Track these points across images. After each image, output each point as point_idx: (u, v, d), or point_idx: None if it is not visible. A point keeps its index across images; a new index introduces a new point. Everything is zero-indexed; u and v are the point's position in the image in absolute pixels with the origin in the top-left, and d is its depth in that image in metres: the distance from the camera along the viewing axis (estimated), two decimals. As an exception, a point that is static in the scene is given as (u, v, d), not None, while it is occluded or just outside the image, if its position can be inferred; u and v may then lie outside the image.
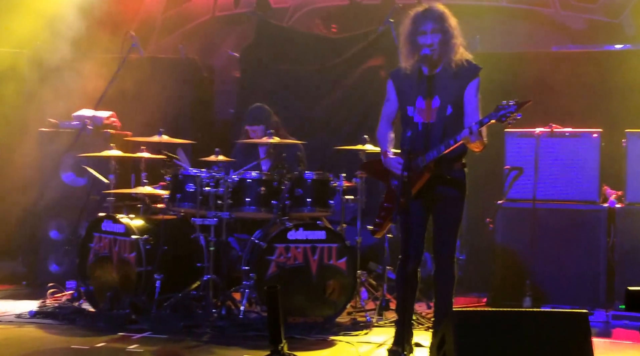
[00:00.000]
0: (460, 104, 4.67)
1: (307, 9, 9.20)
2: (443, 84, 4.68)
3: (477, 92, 4.69)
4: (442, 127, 4.63)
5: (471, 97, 4.66)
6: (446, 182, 4.70)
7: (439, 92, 4.67)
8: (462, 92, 4.66)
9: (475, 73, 4.70)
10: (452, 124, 4.62)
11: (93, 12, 8.46)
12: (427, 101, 4.67)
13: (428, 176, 4.63)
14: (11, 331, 5.38)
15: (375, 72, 7.81)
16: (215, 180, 5.77)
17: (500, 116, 4.36)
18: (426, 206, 4.75)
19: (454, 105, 4.66)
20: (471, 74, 4.68)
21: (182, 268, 5.88)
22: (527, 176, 6.38)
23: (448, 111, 4.65)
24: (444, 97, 4.66)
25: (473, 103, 4.66)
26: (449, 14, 4.74)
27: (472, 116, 4.60)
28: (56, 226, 7.16)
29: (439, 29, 4.63)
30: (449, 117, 4.64)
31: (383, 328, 5.60)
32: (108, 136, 6.97)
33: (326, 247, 5.68)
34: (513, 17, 8.60)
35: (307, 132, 7.36)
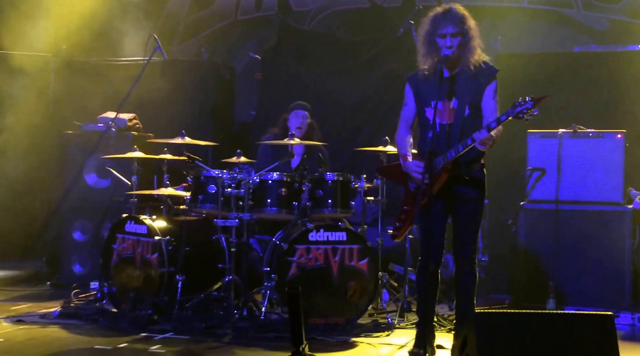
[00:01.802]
0: (478, 106, 4.64)
1: (327, 11, 9.18)
2: (461, 85, 4.64)
3: (495, 94, 4.65)
4: (460, 128, 4.60)
5: (489, 99, 4.63)
6: (465, 182, 4.65)
7: (458, 93, 4.63)
8: (480, 93, 4.63)
9: (494, 75, 4.66)
10: (470, 125, 4.58)
11: (117, 16, 8.52)
12: (446, 102, 4.64)
13: (446, 176, 4.59)
14: (36, 331, 5.38)
15: (395, 74, 7.74)
16: (236, 181, 5.75)
17: (517, 112, 4.32)
18: (446, 207, 4.69)
19: (471, 106, 4.63)
20: (489, 76, 4.65)
21: (203, 269, 5.85)
22: (550, 177, 6.28)
23: (466, 112, 4.62)
24: (462, 99, 4.63)
25: (491, 105, 4.62)
26: (469, 15, 4.69)
27: (490, 118, 4.56)
28: (80, 227, 7.19)
29: (459, 31, 4.59)
30: (466, 118, 4.61)
31: (404, 329, 5.53)
32: (131, 138, 6.99)
33: (347, 248, 5.62)
34: (534, 17, 8.51)
35: (328, 133, 7.32)
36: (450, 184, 4.62)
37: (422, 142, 4.71)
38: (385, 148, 6.04)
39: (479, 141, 4.43)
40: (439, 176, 4.57)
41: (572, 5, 8.40)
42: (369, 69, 8.05)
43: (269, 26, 8.78)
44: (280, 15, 8.42)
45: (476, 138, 4.44)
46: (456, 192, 4.65)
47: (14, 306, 6.19)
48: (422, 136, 4.74)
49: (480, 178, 4.69)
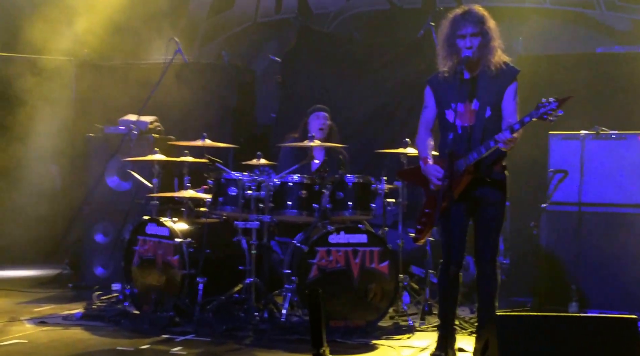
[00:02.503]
0: (498, 107, 4.62)
1: (348, 14, 9.19)
2: (482, 86, 4.62)
3: (516, 95, 4.64)
4: (481, 130, 4.59)
5: (510, 100, 4.61)
6: (487, 185, 4.63)
7: (479, 95, 4.62)
8: (501, 94, 4.62)
9: (514, 76, 4.64)
10: (491, 127, 4.57)
11: (138, 19, 8.59)
12: (467, 104, 4.63)
13: (469, 178, 4.58)
14: (59, 333, 5.43)
15: (416, 76, 7.72)
16: (257, 184, 5.77)
17: (542, 113, 4.30)
18: (467, 210, 4.68)
19: (492, 107, 4.61)
20: (510, 77, 4.63)
21: (224, 271, 5.88)
22: (572, 179, 6.23)
23: (487, 114, 4.61)
24: (483, 100, 4.61)
25: (511, 106, 4.61)
26: (488, 16, 4.67)
27: (510, 119, 4.55)
28: (102, 230, 7.24)
29: (479, 31, 4.57)
30: (488, 120, 4.59)
31: (425, 332, 5.52)
32: (152, 141, 7.03)
33: (368, 251, 5.62)
34: (556, 18, 8.46)
35: (348, 136, 7.31)
36: (471, 187, 4.60)
37: (443, 144, 4.70)
38: (405, 150, 6.03)
39: (502, 142, 4.41)
40: (460, 178, 4.56)
41: (595, 5, 8.34)
42: (389, 71, 8.03)
43: (289, 29, 8.80)
44: (300, 17, 8.44)
45: (499, 139, 4.42)
46: (477, 194, 4.63)
47: (37, 308, 6.24)
48: (443, 139, 4.73)
49: (501, 180, 4.67)
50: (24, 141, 8.61)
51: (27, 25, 9.28)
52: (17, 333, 5.34)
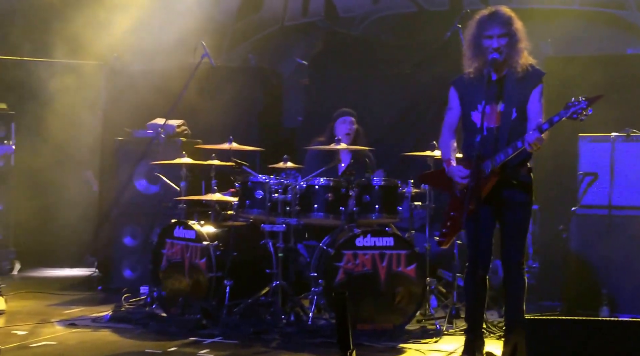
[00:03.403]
0: (524, 109, 4.59)
1: (374, 17, 9.18)
2: (509, 88, 4.60)
3: (541, 97, 4.61)
4: (508, 131, 4.56)
5: (535, 102, 4.58)
6: (513, 187, 4.59)
7: (505, 96, 4.59)
8: (526, 96, 4.58)
9: (540, 78, 4.61)
10: (517, 129, 4.54)
11: (166, 23, 8.65)
12: (493, 106, 4.60)
13: (495, 180, 4.55)
14: (88, 335, 5.48)
15: (443, 78, 7.66)
16: (283, 187, 5.78)
17: (572, 113, 4.27)
18: (493, 212, 4.64)
19: (518, 109, 4.58)
20: (536, 79, 4.60)
21: (251, 274, 5.89)
22: (602, 181, 6.16)
23: (513, 115, 4.58)
24: (509, 102, 4.59)
25: (537, 108, 4.57)
26: (516, 17, 4.64)
27: (535, 121, 4.50)
28: (130, 233, 7.31)
29: (506, 32, 4.55)
30: (513, 121, 4.56)
31: (453, 336, 5.48)
32: (179, 144, 7.08)
33: (395, 254, 5.60)
34: (586, 19, 8.38)
35: (375, 139, 7.31)
36: (497, 189, 4.57)
37: (468, 146, 4.67)
38: (432, 153, 6.00)
39: (530, 142, 4.37)
40: (487, 180, 4.53)
41: (625, 6, 8.24)
42: (416, 74, 8.02)
43: (315, 32, 8.82)
44: (326, 21, 8.45)
45: (527, 140, 4.39)
46: (503, 196, 4.60)
47: (66, 310, 6.32)
48: (468, 140, 4.70)
49: (527, 182, 4.63)
50: (55, 144, 8.73)
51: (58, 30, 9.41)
52: (47, 335, 5.41)
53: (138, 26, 8.70)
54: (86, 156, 8.69)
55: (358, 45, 8.44)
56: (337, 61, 8.31)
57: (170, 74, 7.89)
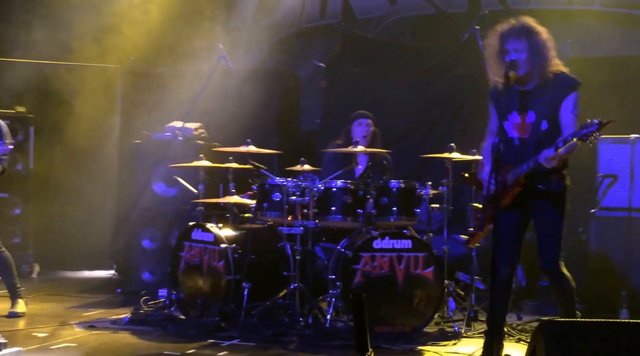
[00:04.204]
0: (556, 119, 4.60)
1: (392, 19, 9.20)
2: (537, 98, 4.62)
3: (575, 107, 4.58)
4: (536, 142, 4.60)
5: (567, 112, 4.58)
6: (541, 194, 4.63)
7: (534, 106, 4.63)
8: (557, 106, 4.59)
9: (572, 87, 4.59)
10: (546, 139, 4.55)
11: (183, 26, 8.73)
12: (522, 116, 4.66)
13: (518, 190, 4.60)
14: (107, 337, 5.56)
15: (461, 80, 7.73)
16: (301, 189, 5.83)
17: (582, 135, 4.28)
18: (522, 218, 4.71)
19: (549, 120, 4.60)
20: (568, 89, 4.59)
21: (269, 276, 5.95)
22: (622, 183, 6.17)
23: (543, 126, 4.61)
24: (538, 112, 4.62)
25: (568, 118, 4.56)
26: (537, 26, 4.64)
27: (568, 132, 4.50)
28: (148, 236, 7.36)
29: (525, 46, 4.56)
30: (544, 133, 4.59)
31: (472, 339, 5.51)
32: (197, 147, 7.13)
33: (412, 256, 5.63)
34: (606, 20, 8.35)
35: (393, 140, 7.34)
36: (527, 196, 4.62)
37: (502, 155, 4.73)
38: (450, 155, 6.02)
39: (546, 158, 4.41)
40: (510, 189, 4.60)
41: (646, 6, 8.22)
42: (434, 76, 8.03)
43: (333, 34, 8.83)
44: (344, 23, 8.48)
45: (543, 155, 4.43)
46: (532, 204, 4.66)
47: (86, 312, 6.40)
48: (503, 149, 4.74)
49: (556, 190, 4.64)
50: (73, 147, 8.83)
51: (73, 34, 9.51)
52: (67, 337, 5.49)
53: (155, 29, 8.78)
54: (104, 159, 8.78)
55: (375, 47, 8.46)
56: (355, 63, 8.34)
57: (188, 77, 7.95)
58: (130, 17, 9.02)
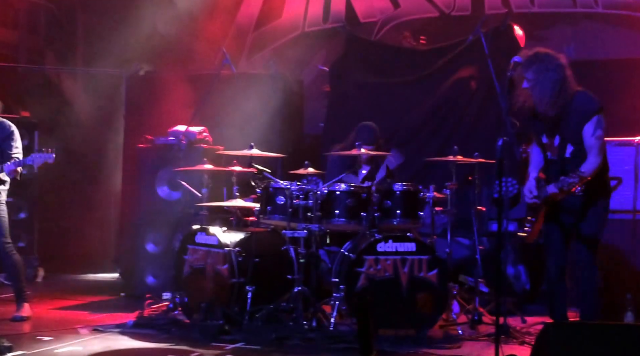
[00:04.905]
0: (581, 143, 4.80)
1: (395, 22, 9.22)
2: (561, 122, 4.83)
3: (596, 129, 4.76)
4: (560, 165, 4.84)
5: (588, 136, 4.78)
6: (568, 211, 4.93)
7: (560, 131, 4.86)
8: (580, 130, 4.78)
9: (594, 111, 4.77)
10: (572, 161, 4.78)
11: (187, 30, 8.76)
12: (550, 139, 4.93)
13: (544, 209, 4.87)
14: (112, 341, 5.57)
15: (465, 83, 7.72)
16: (304, 193, 5.84)
17: (568, 183, 4.62)
18: (562, 230, 4.98)
19: (574, 143, 4.80)
20: (590, 113, 4.78)
21: (272, 279, 5.97)
22: (627, 186, 6.17)
23: (568, 150, 4.83)
24: (563, 136, 4.85)
25: (590, 142, 4.77)
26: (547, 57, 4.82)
27: (590, 155, 4.76)
28: (152, 239, 7.37)
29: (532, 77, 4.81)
30: (570, 155, 4.82)
31: (476, 341, 5.50)
32: (201, 151, 7.15)
33: (416, 259, 5.64)
34: (609, 23, 8.36)
35: (397, 144, 7.34)
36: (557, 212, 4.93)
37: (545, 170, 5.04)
38: (454, 158, 6.03)
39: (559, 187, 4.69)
40: (538, 208, 4.89)
41: (649, 9, 8.23)
42: (438, 79, 8.02)
43: (336, 38, 8.85)
44: (347, 26, 8.49)
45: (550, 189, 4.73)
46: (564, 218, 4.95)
47: (90, 316, 6.42)
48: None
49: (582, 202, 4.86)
50: (77, 152, 8.87)
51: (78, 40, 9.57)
52: (71, 341, 5.51)
53: (159, 34, 8.81)
54: (109, 163, 8.81)
55: (379, 50, 8.46)
56: (359, 67, 8.33)
57: (192, 81, 7.97)
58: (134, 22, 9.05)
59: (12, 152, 6.08)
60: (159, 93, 8.05)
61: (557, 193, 4.73)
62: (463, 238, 6.95)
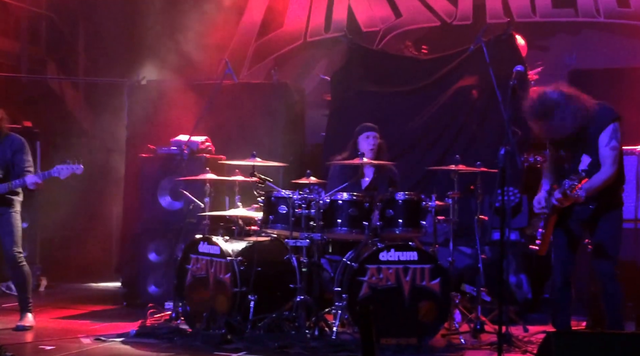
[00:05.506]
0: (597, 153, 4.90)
1: (397, 31, 9.26)
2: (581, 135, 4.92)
3: (611, 140, 4.88)
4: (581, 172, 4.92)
5: (603, 145, 4.88)
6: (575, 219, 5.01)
7: (579, 143, 4.96)
8: (596, 140, 4.89)
9: (608, 121, 4.88)
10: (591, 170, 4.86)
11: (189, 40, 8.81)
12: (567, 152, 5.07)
13: (553, 219, 4.94)
14: (114, 350, 5.60)
15: (467, 92, 7.75)
16: (307, 202, 5.86)
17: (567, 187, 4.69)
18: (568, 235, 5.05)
19: (591, 154, 4.91)
20: (605, 123, 4.88)
21: (275, 288, 6.00)
22: (628, 195, 6.17)
23: (585, 161, 4.94)
24: (581, 148, 4.97)
25: (603, 152, 4.88)
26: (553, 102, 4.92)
27: (604, 165, 4.86)
28: (155, 249, 7.40)
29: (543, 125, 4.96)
30: (588, 166, 4.90)
31: (478, 350, 5.52)
32: (203, 160, 7.18)
33: (419, 268, 5.67)
34: (610, 32, 8.41)
35: (398, 153, 7.37)
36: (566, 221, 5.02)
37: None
38: (457, 167, 6.06)
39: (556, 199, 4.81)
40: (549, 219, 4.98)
41: (650, 18, 8.27)
42: (439, 88, 8.05)
43: (338, 47, 8.88)
44: (349, 36, 8.53)
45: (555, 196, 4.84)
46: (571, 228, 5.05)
47: (93, 325, 6.45)
48: None
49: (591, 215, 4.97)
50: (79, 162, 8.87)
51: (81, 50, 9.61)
52: (74, 349, 5.53)
53: (161, 43, 8.86)
54: (111, 173, 8.83)
55: (381, 59, 8.48)
56: (360, 75, 8.34)
57: (194, 90, 8.00)
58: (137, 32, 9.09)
59: (24, 166, 6.14)
60: (161, 103, 8.08)
61: (562, 198, 4.73)
62: (465, 247, 6.96)
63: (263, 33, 9.66)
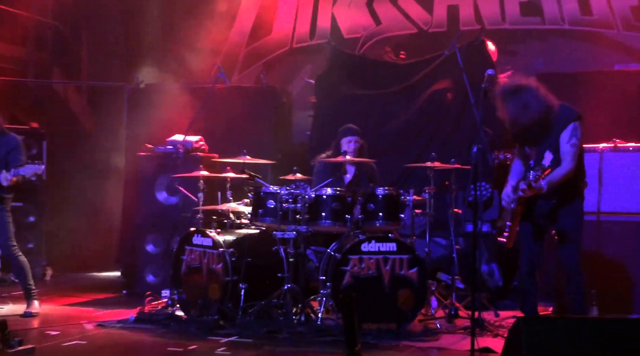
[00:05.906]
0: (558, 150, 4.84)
1: (377, 38, 9.24)
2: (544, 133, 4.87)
3: (571, 137, 4.81)
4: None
5: (563, 142, 4.82)
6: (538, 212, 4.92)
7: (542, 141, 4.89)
8: (558, 138, 4.82)
9: (570, 119, 4.81)
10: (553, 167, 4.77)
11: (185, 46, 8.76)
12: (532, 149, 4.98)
13: (519, 209, 4.85)
14: (115, 335, 5.56)
15: (442, 95, 7.73)
16: (293, 197, 5.82)
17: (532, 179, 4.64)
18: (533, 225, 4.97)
19: (552, 151, 4.83)
20: (567, 121, 4.82)
21: (264, 278, 5.96)
22: (591, 189, 6.15)
23: (547, 158, 4.84)
24: (543, 145, 4.89)
25: (564, 149, 4.81)
26: (518, 86, 4.86)
27: (564, 161, 4.78)
28: (152, 241, 7.36)
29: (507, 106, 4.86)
30: (550, 162, 4.80)
31: (453, 334, 5.50)
32: (197, 159, 7.13)
33: (397, 258, 5.63)
34: (575, 39, 8.42)
35: (378, 151, 7.32)
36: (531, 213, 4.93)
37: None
38: (432, 164, 6.03)
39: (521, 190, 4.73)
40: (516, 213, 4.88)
41: (612, 25, 8.27)
42: (416, 91, 8.02)
43: (322, 53, 8.86)
44: (332, 42, 8.49)
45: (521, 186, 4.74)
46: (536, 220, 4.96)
47: (95, 312, 6.39)
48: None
49: (553, 208, 4.89)
50: (82, 160, 8.82)
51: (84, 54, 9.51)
52: (77, 335, 5.48)
53: (158, 49, 8.80)
54: (111, 170, 8.76)
55: (362, 64, 8.44)
56: (342, 79, 8.30)
57: (189, 93, 7.96)
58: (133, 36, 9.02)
59: (16, 165, 5.98)
60: (158, 105, 8.03)
61: (527, 188, 4.67)
62: (440, 238, 6.95)
63: (253, 40, 9.62)
